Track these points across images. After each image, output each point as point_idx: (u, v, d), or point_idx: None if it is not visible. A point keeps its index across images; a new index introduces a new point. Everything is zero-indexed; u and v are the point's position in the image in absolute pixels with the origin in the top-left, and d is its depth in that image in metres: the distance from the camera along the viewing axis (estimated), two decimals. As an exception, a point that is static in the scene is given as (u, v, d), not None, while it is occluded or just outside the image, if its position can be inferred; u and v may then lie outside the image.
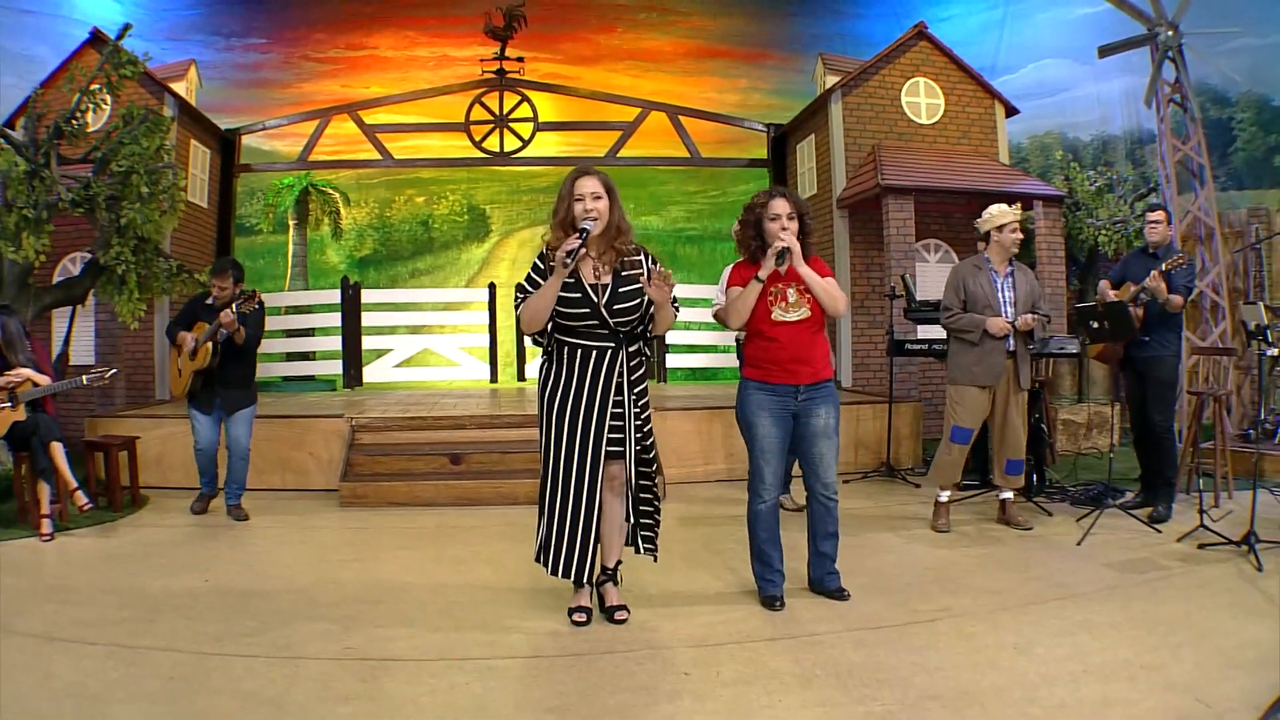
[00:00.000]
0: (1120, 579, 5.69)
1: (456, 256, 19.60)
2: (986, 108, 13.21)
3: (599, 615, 4.95)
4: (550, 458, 4.85)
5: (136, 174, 9.03)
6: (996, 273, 7.22)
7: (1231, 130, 15.09)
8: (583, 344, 4.81)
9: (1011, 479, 7.23)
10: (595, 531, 4.83)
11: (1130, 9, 11.81)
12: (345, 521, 7.75)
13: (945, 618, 4.93)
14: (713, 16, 19.90)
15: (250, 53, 18.66)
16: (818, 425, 5.19)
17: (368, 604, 5.30)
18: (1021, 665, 4.21)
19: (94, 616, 5.09)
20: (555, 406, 4.82)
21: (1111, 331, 7.23)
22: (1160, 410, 7.53)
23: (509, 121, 14.81)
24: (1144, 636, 4.60)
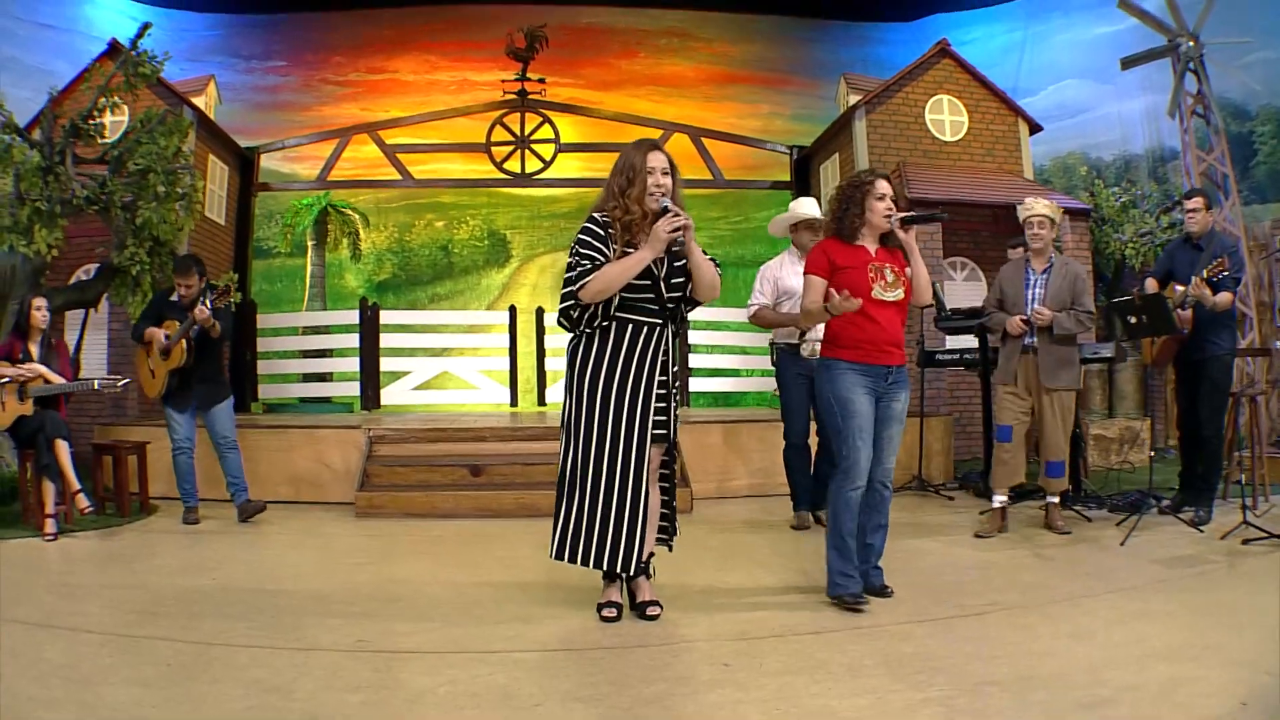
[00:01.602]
0: (1169, 573, 5.55)
1: (476, 282, 19.44)
2: (1010, 125, 13.07)
3: (628, 612, 4.66)
4: (584, 439, 4.58)
5: (154, 172, 8.88)
6: (1033, 270, 7.09)
7: (1253, 144, 14.89)
8: (634, 319, 4.60)
9: (1052, 481, 7.01)
10: (644, 519, 4.54)
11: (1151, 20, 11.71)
12: (361, 529, 7.53)
13: (994, 611, 4.71)
14: (734, 42, 19.80)
15: (270, 75, 18.60)
16: (897, 409, 5.02)
17: (383, 601, 5.06)
18: (1081, 652, 4.00)
19: (92, 608, 4.90)
20: (600, 384, 4.57)
21: (1150, 325, 6.97)
22: (1208, 414, 7.31)
23: (530, 143, 14.70)
24: (1201, 621, 4.46)
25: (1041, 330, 6.90)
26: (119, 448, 8.16)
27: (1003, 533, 6.90)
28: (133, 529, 7.48)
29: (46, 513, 6.89)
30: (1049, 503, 7.04)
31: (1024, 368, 7.02)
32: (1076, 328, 6.90)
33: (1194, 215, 7.44)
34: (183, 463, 7.77)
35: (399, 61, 19.05)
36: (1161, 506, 7.19)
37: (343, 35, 18.84)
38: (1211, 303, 6.93)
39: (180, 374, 7.62)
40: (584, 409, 4.59)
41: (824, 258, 5.03)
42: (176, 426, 7.74)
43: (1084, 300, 6.97)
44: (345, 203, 18.01)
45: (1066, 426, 6.99)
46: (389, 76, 18.99)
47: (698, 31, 19.81)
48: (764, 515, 7.97)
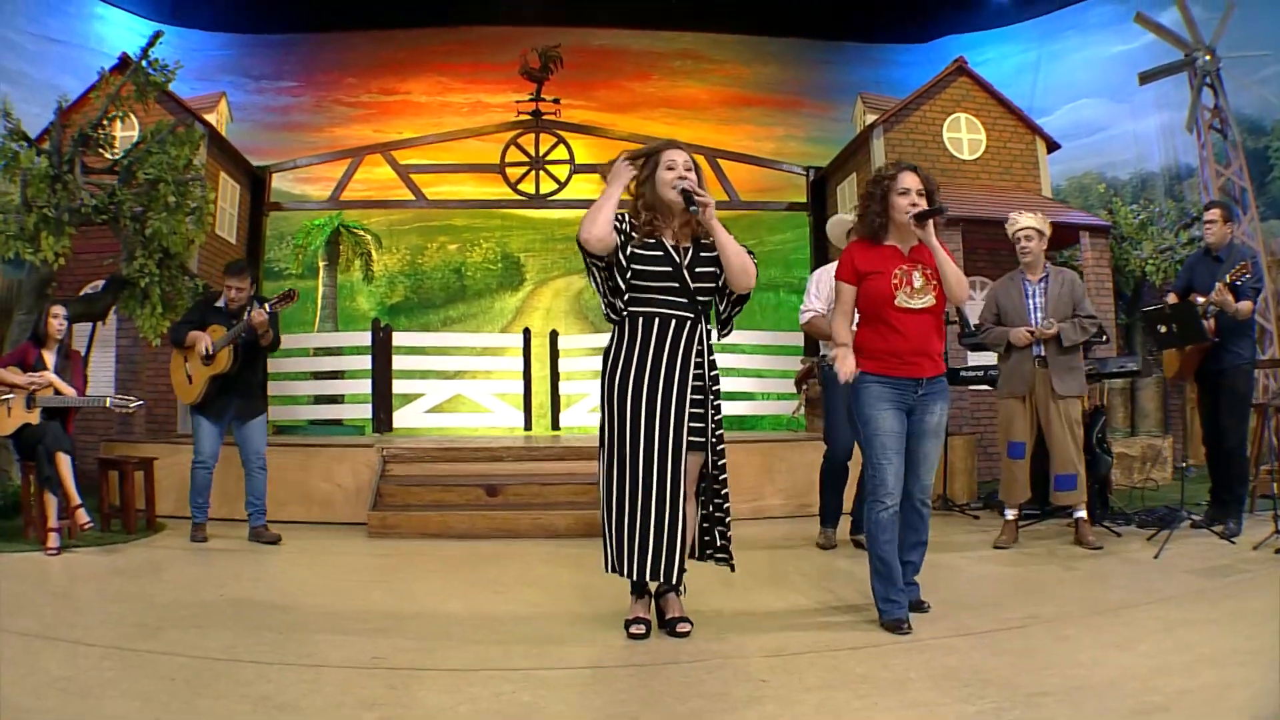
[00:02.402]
0: (1207, 583, 5.44)
1: (490, 305, 19.33)
2: (1028, 143, 12.96)
3: (657, 630, 4.45)
4: (615, 444, 4.39)
5: (164, 183, 8.72)
6: (1029, 281, 7.04)
7: (1268, 159, 14.76)
8: (660, 313, 4.43)
9: (1063, 495, 6.84)
10: (682, 526, 4.33)
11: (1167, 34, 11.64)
12: (373, 549, 7.34)
13: (1035, 624, 4.54)
14: (748, 65, 19.79)
15: (281, 95, 18.60)
16: (931, 423, 4.73)
17: (398, 618, 4.86)
18: (1128, 661, 3.87)
19: (94, 620, 4.76)
20: (630, 386, 4.38)
21: (1181, 334, 6.87)
22: (1233, 424, 7.23)
23: (545, 163, 14.59)
24: (1247, 627, 4.36)
25: (1049, 340, 6.83)
26: (125, 463, 8.01)
27: (1015, 544, 6.85)
28: (138, 545, 7.31)
29: (49, 526, 6.74)
30: (1077, 518, 6.87)
31: (1034, 378, 6.92)
32: (1082, 335, 6.84)
33: (1211, 226, 7.42)
34: (202, 477, 7.55)
35: (412, 83, 19.07)
36: (1194, 521, 7.09)
37: (355, 56, 18.88)
38: (1234, 309, 6.87)
39: (220, 382, 7.42)
40: (613, 412, 4.42)
41: (850, 263, 4.78)
42: (204, 439, 7.52)
43: (1084, 306, 6.92)
44: (358, 223, 17.92)
45: (1075, 437, 6.84)
46: (401, 98, 19.00)
47: (711, 54, 19.84)
48: (792, 537, 7.75)
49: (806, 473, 8.96)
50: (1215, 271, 7.11)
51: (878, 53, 19.59)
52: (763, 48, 19.75)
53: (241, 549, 7.23)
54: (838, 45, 19.66)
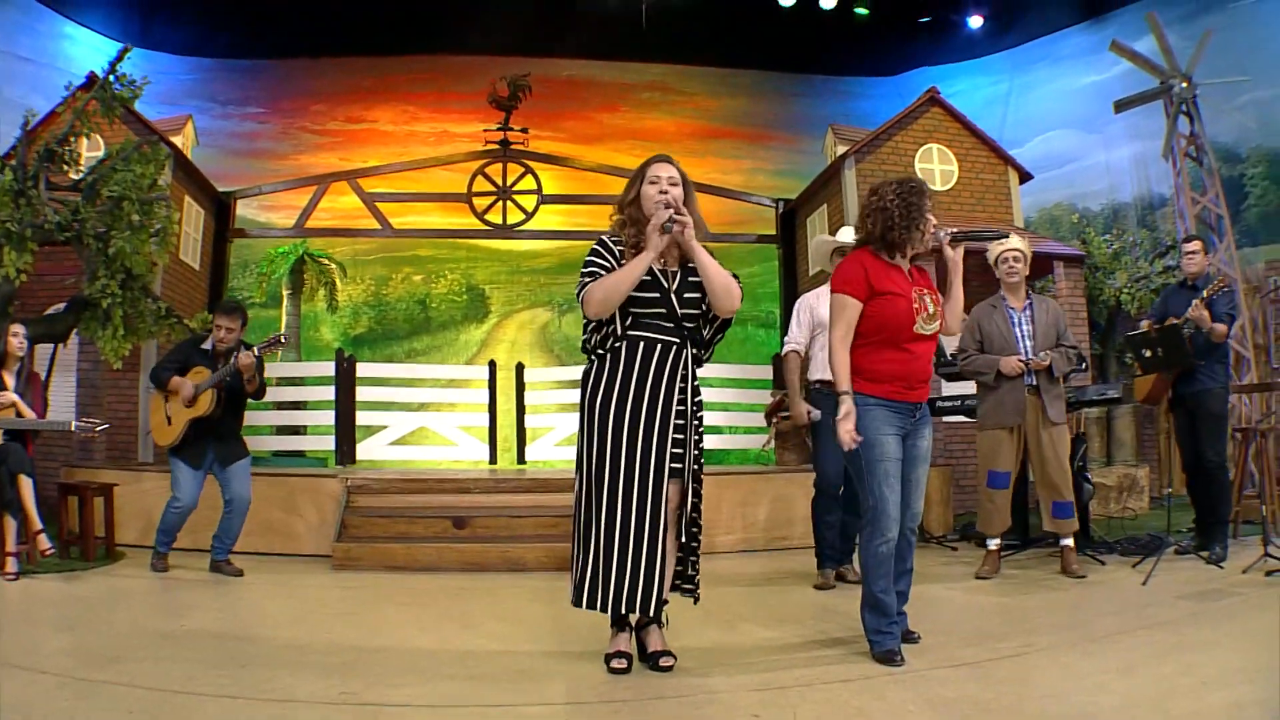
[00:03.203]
0: (1200, 606, 5.40)
1: (454, 337, 19.13)
2: (1000, 174, 12.91)
3: (638, 664, 4.25)
4: (594, 471, 4.20)
5: (128, 200, 8.50)
6: (1013, 309, 6.95)
7: (1243, 187, 14.84)
8: (646, 337, 4.26)
9: (1061, 523, 6.74)
10: (662, 556, 4.15)
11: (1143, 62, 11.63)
12: (338, 581, 7.12)
13: (1030, 652, 4.42)
14: (716, 97, 19.77)
15: (247, 121, 18.40)
16: (923, 448, 4.59)
17: (367, 652, 4.64)
18: (1133, 686, 3.78)
19: (52, 648, 4.55)
20: (613, 411, 4.20)
21: (1165, 359, 6.84)
22: (1212, 445, 7.20)
23: (512, 193, 14.44)
24: (1250, 648, 4.32)
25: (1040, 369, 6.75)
26: (85, 489, 7.76)
27: (998, 574, 6.73)
28: (98, 573, 7.10)
29: (8, 551, 6.53)
30: (1063, 545, 6.77)
31: (1028, 408, 6.81)
32: (1069, 366, 6.82)
33: (1192, 257, 7.48)
34: (174, 519, 7.28)
35: (378, 111, 18.94)
36: (1178, 547, 7.03)
37: (322, 83, 18.72)
38: (1209, 326, 6.89)
39: (200, 425, 7.17)
40: (593, 438, 4.24)
41: (862, 275, 4.45)
42: (185, 484, 7.22)
43: (1067, 335, 6.90)
44: (322, 252, 17.71)
45: (1065, 464, 6.77)
46: (368, 126, 18.86)
47: (680, 86, 19.80)
48: (769, 570, 7.60)
49: (782, 506, 8.87)
50: (1192, 301, 7.08)
51: (847, 85, 19.61)
52: (732, 80, 19.75)
53: (202, 580, 6.99)
54: (807, 78, 19.68)
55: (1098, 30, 16.72)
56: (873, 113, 17.44)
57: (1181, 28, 13.36)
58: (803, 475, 8.89)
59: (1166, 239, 13.33)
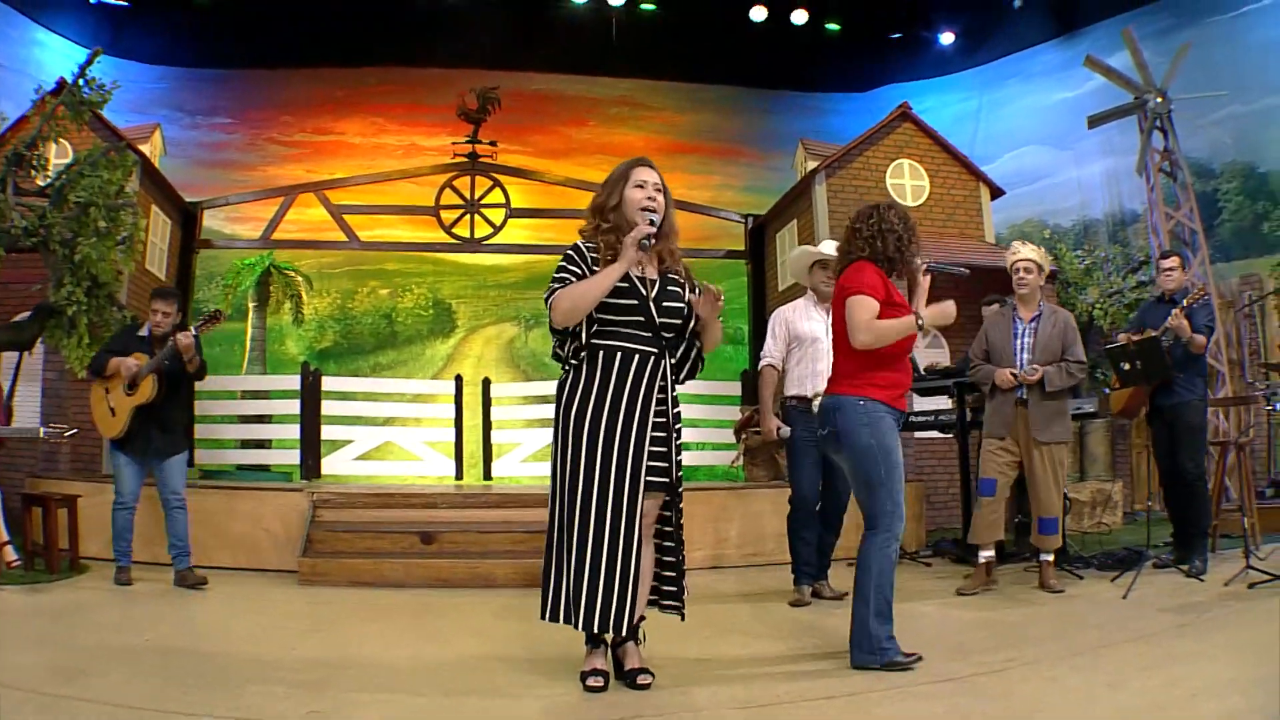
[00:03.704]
0: (1185, 618, 5.37)
1: (420, 352, 19.02)
2: (971, 190, 12.92)
3: (615, 682, 4.13)
4: (569, 483, 4.09)
5: (95, 206, 8.35)
6: (1020, 319, 6.92)
7: (1217, 202, 14.97)
8: (624, 346, 4.15)
9: (1044, 539, 6.67)
10: (636, 573, 4.03)
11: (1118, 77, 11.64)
12: (305, 596, 6.95)
13: (1015, 666, 4.35)
14: (685, 112, 19.78)
15: (215, 132, 18.27)
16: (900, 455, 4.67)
17: (335, 669, 4.51)
18: (1124, 698, 3.74)
19: (15, 662, 4.42)
20: (587, 422, 4.09)
21: (1144, 371, 6.81)
22: (1191, 457, 7.15)
23: (480, 207, 14.32)
24: (1239, 659, 4.30)
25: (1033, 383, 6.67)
26: (49, 500, 7.59)
27: (989, 589, 6.63)
28: (62, 586, 6.94)
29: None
30: (1043, 560, 6.69)
31: (1015, 420, 6.75)
32: (1068, 381, 6.73)
33: (1170, 274, 7.49)
34: (123, 519, 7.18)
35: (346, 123, 18.86)
36: (1157, 560, 7.01)
37: (291, 94, 18.60)
38: (1188, 336, 6.87)
39: (144, 413, 7.06)
40: (568, 448, 4.13)
41: (881, 281, 4.60)
42: (124, 478, 7.15)
43: (1075, 350, 6.79)
44: (289, 264, 17.54)
45: (1059, 481, 6.71)
46: (336, 138, 18.76)
47: (649, 101, 19.82)
48: (744, 586, 7.49)
49: (754, 522, 8.79)
50: (1169, 313, 7.07)
51: (817, 101, 19.65)
52: (700, 95, 19.76)
53: (167, 593, 6.82)
54: (776, 93, 19.72)
55: (1070, 47, 16.82)
56: (842, 129, 17.42)
57: (1155, 43, 13.42)
58: (774, 491, 8.83)
59: (1139, 255, 13.38)
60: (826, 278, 6.56)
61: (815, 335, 6.62)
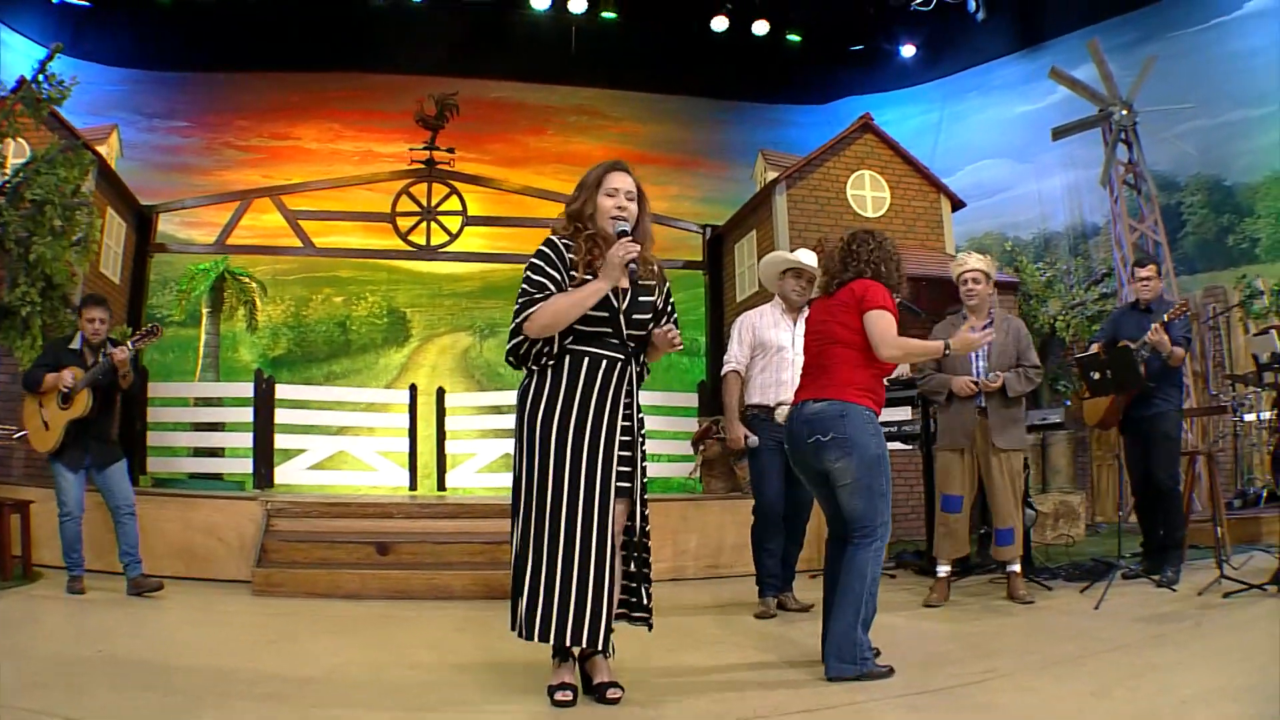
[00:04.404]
0: (1162, 628, 5.34)
1: (374, 361, 18.82)
2: (932, 201, 12.93)
3: (584, 696, 4.00)
4: (536, 493, 3.96)
5: (51, 204, 8.19)
6: (973, 328, 6.72)
7: (1180, 215, 15.11)
8: (591, 352, 4.05)
9: (1002, 549, 6.62)
10: (610, 583, 3.93)
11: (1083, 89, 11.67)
12: (260, 607, 6.77)
13: (995, 678, 4.28)
14: (644, 122, 19.73)
15: (172, 135, 18.03)
16: None
17: (294, 683, 4.35)
18: (1111, 707, 3.71)
19: (-41, 673, 4.20)
20: (554, 428, 3.98)
21: (1115, 381, 6.75)
22: (1166, 468, 7.13)
23: (437, 214, 14.17)
24: (1224, 666, 4.30)
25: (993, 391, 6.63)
26: (2, 505, 7.40)
27: (947, 602, 6.57)
28: (14, 594, 6.77)
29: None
30: (1010, 571, 6.65)
31: (976, 430, 6.68)
32: (1027, 386, 6.71)
33: (1147, 283, 7.41)
34: (71, 530, 6.99)
35: (303, 128, 18.67)
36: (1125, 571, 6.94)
37: (248, 98, 18.40)
38: (1169, 350, 6.82)
39: (76, 428, 6.91)
40: (534, 457, 4.00)
41: (892, 301, 4.72)
42: (67, 489, 6.99)
43: (1029, 355, 6.78)
44: (243, 270, 17.30)
45: (1016, 490, 6.68)
46: (292, 143, 18.56)
47: (608, 110, 19.77)
48: (706, 598, 7.39)
49: (714, 534, 8.69)
50: (1144, 323, 7.05)
51: (776, 113, 19.70)
52: (660, 105, 19.74)
53: (121, 603, 6.63)
54: (735, 105, 19.75)
55: (1032, 60, 16.94)
56: (801, 140, 17.46)
57: (1120, 57, 13.52)
58: (735, 502, 8.76)
59: (1101, 267, 13.45)
60: (799, 286, 6.50)
61: (781, 344, 6.55)
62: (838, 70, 18.94)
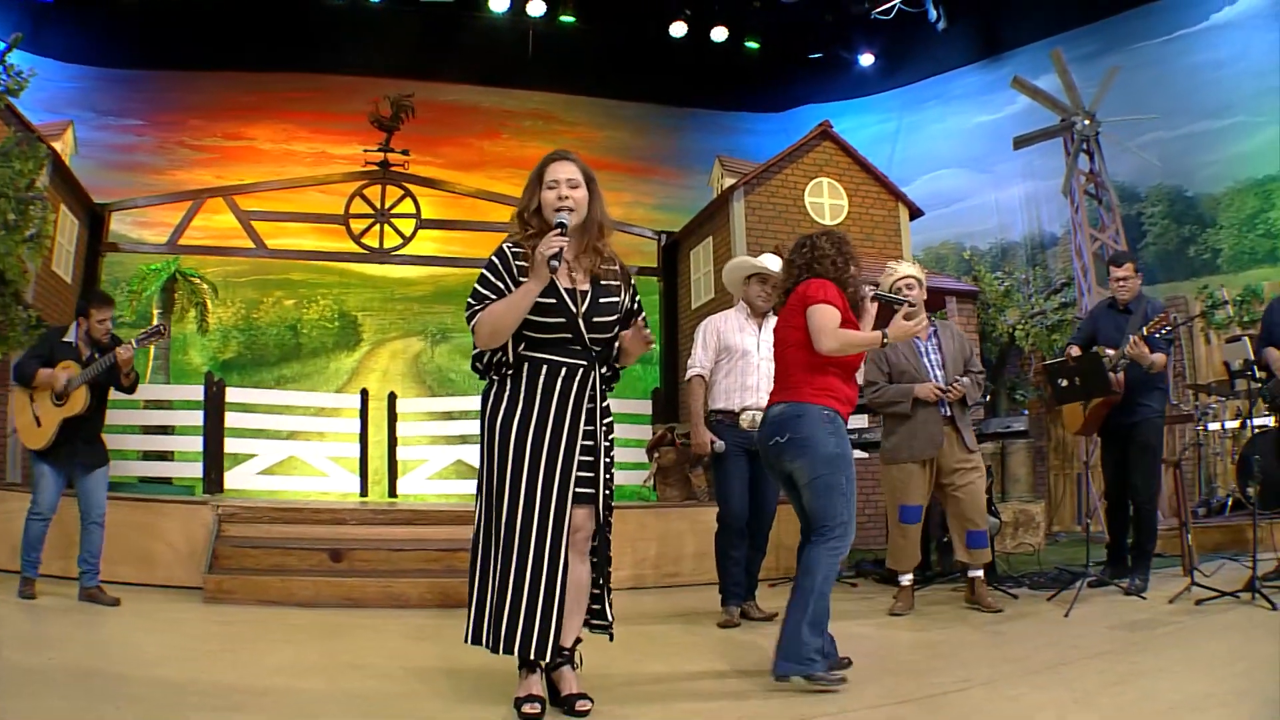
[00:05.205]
0: (1138, 635, 5.30)
1: (325, 365, 18.62)
2: (890, 210, 12.90)
3: (552, 708, 3.87)
4: (494, 499, 3.87)
5: (4, 198, 7.99)
6: (918, 339, 6.74)
7: (1141, 225, 15.26)
8: (550, 359, 3.93)
9: (976, 553, 6.58)
10: (562, 594, 3.80)
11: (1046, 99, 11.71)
12: (212, 615, 6.60)
13: (973, 686, 4.20)
14: (599, 128, 19.70)
15: (126, 134, 17.80)
16: None
17: (252, 694, 4.20)
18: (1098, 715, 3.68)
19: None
20: (513, 436, 3.86)
21: (1084, 388, 6.69)
22: (1144, 476, 7.03)
23: (390, 216, 14.01)
24: (1209, 671, 4.29)
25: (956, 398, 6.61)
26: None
27: (911, 610, 6.52)
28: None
29: None
30: (974, 577, 6.59)
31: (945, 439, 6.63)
32: (980, 392, 6.76)
33: (1124, 282, 7.25)
34: (37, 530, 6.72)
35: (257, 129, 18.49)
36: (1090, 578, 6.89)
37: (202, 97, 18.19)
38: (1150, 361, 6.70)
39: (69, 427, 6.67)
40: (493, 464, 3.90)
41: (840, 296, 4.67)
42: (45, 488, 6.72)
43: (975, 361, 6.83)
44: (194, 271, 17.06)
45: (980, 493, 6.65)
46: (246, 144, 18.38)
47: (563, 115, 19.76)
48: (668, 607, 7.26)
49: (673, 542, 8.61)
50: (1123, 323, 6.99)
51: (732, 120, 19.76)
52: (616, 111, 19.75)
53: (72, 609, 6.44)
54: (691, 112, 19.81)
55: (992, 70, 17.06)
56: (757, 148, 17.46)
57: (1083, 68, 13.58)
58: (694, 510, 8.70)
59: (1060, 277, 13.52)
60: (764, 292, 6.44)
61: (746, 349, 6.49)
62: (795, 78, 19.01)
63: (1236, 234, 14.58)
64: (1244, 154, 14.48)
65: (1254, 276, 13.36)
